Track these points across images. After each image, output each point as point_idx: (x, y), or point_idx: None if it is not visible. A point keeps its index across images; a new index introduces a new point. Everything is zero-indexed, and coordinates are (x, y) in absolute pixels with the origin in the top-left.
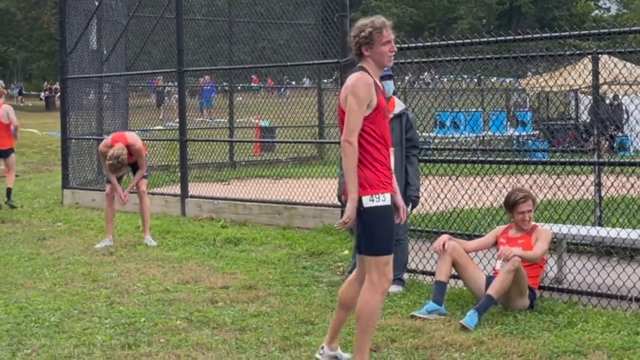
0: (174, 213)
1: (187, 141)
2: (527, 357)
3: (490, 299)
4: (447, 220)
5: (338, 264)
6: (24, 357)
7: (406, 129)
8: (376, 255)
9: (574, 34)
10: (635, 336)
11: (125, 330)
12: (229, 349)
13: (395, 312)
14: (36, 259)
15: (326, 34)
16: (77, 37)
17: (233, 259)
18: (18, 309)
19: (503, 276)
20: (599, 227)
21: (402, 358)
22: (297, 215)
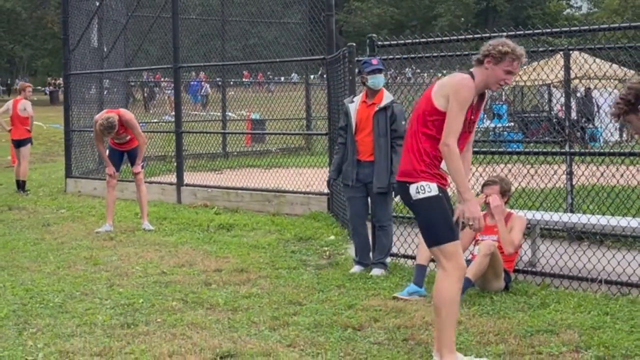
0: (170, 200)
1: (182, 133)
2: (502, 336)
3: (468, 281)
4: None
5: (324, 248)
6: (29, 336)
7: (391, 121)
8: (440, 245)
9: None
10: (605, 316)
11: (124, 311)
12: (222, 328)
13: (378, 294)
14: (41, 244)
15: (313, 32)
16: (79, 36)
17: (226, 244)
18: (24, 290)
19: (480, 259)
20: (571, 213)
21: (384, 337)
22: (286, 202)
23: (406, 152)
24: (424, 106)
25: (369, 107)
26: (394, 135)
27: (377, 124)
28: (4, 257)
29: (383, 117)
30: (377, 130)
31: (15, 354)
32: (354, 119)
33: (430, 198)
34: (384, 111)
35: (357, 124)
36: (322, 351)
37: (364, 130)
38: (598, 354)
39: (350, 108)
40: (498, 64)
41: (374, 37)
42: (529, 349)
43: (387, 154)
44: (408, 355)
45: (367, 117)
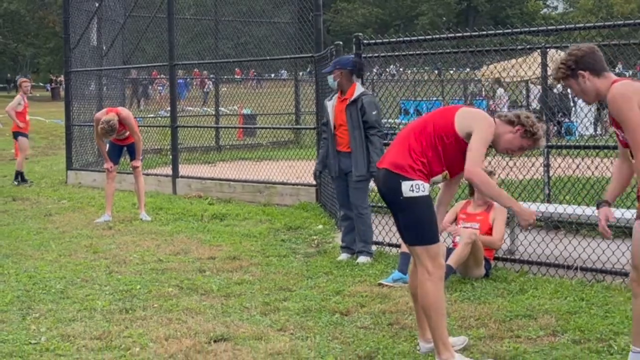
0: (166, 191)
1: (177, 127)
2: (483, 321)
3: (449, 268)
4: None
5: (313, 237)
6: (32, 320)
7: (362, 113)
8: (426, 245)
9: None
10: (580, 301)
11: (122, 297)
12: (216, 313)
13: (365, 280)
14: (43, 233)
15: (302, 31)
16: (79, 35)
17: (219, 233)
18: (27, 277)
19: (461, 248)
20: (548, 203)
21: (370, 321)
22: (276, 193)
23: (405, 148)
24: (443, 124)
25: (342, 102)
26: (366, 125)
27: (349, 116)
28: (9, 246)
29: (354, 109)
30: (350, 123)
31: (19, 338)
32: (331, 115)
33: (422, 197)
34: (354, 104)
35: (334, 119)
36: (311, 335)
37: (341, 125)
38: (574, 338)
39: (328, 105)
40: (523, 138)
41: (360, 36)
42: (508, 332)
43: (362, 144)
44: (393, 339)
45: (342, 111)
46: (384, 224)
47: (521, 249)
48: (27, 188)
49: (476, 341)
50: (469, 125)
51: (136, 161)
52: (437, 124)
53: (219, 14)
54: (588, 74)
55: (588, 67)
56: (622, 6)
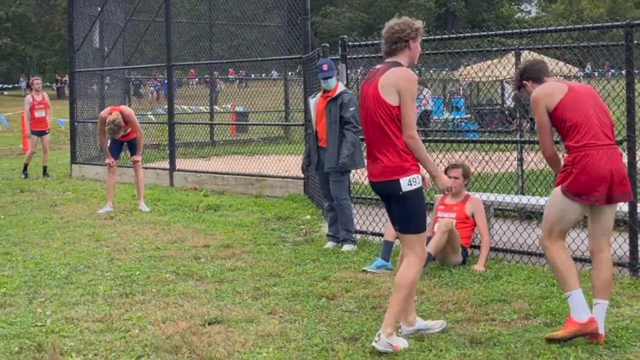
0: (163, 184)
1: (174, 124)
2: (460, 305)
3: (428, 255)
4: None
5: (301, 226)
6: (39, 304)
7: (341, 109)
8: (419, 233)
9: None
10: (552, 287)
11: (123, 282)
12: (210, 298)
13: (349, 267)
14: (49, 223)
15: (291, 34)
16: (83, 37)
17: (213, 222)
18: (34, 264)
19: (439, 236)
20: (521, 195)
21: (355, 305)
22: (267, 185)
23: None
24: (376, 105)
25: (324, 100)
26: (343, 120)
27: (329, 112)
28: (16, 234)
29: (335, 106)
30: (329, 118)
31: (26, 320)
32: (314, 112)
33: (418, 189)
34: (335, 101)
35: (316, 116)
36: (299, 318)
37: (322, 120)
38: (546, 321)
39: (311, 103)
40: (416, 39)
41: (345, 39)
42: (484, 316)
43: (336, 137)
44: (376, 322)
45: (322, 108)
46: (367, 214)
47: (496, 237)
48: (34, 180)
49: (454, 324)
50: (392, 89)
51: (137, 156)
52: (374, 110)
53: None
54: (530, 83)
55: (530, 77)
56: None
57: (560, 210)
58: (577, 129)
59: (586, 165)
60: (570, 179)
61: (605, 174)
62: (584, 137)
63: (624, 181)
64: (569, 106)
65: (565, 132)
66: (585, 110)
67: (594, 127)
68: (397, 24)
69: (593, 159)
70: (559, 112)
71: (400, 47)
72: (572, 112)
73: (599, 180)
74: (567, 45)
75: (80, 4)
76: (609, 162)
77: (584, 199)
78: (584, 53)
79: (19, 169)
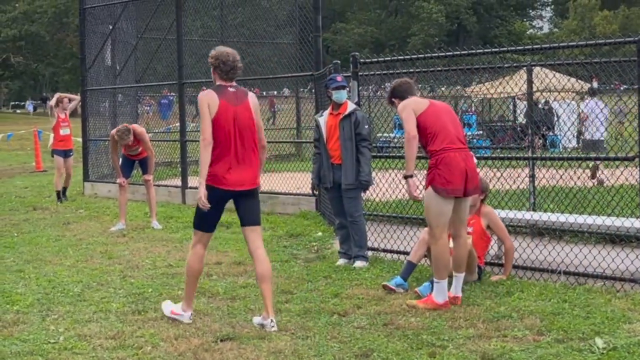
0: (176, 202)
1: (186, 142)
2: (472, 321)
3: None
4: (405, 207)
5: (313, 243)
6: (52, 321)
7: (355, 126)
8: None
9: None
10: (563, 303)
11: (135, 299)
12: (222, 315)
13: (361, 284)
14: (62, 240)
15: (302, 51)
16: (95, 55)
17: (225, 240)
18: (47, 281)
19: None
20: (533, 211)
21: (366, 322)
22: (279, 203)
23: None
24: (251, 122)
25: (335, 117)
26: (359, 138)
27: (342, 129)
28: (29, 252)
29: (348, 123)
30: (343, 135)
31: (39, 337)
32: (324, 129)
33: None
34: (348, 118)
35: (327, 133)
36: (311, 335)
37: (333, 137)
38: (557, 337)
39: (320, 121)
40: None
41: (357, 55)
42: (495, 332)
43: (353, 154)
44: (387, 338)
45: (335, 125)
46: (379, 231)
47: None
48: (46, 198)
49: (465, 340)
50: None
51: (148, 175)
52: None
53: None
54: (397, 100)
55: (396, 96)
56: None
57: (436, 206)
58: (436, 136)
59: (447, 164)
60: (436, 177)
61: (462, 170)
62: (442, 142)
63: (475, 177)
64: (429, 117)
65: (426, 140)
66: (442, 121)
67: (450, 134)
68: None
69: (451, 159)
70: (422, 120)
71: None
72: (431, 122)
73: (458, 175)
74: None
75: (92, 22)
76: (463, 161)
77: (450, 192)
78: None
79: (32, 187)
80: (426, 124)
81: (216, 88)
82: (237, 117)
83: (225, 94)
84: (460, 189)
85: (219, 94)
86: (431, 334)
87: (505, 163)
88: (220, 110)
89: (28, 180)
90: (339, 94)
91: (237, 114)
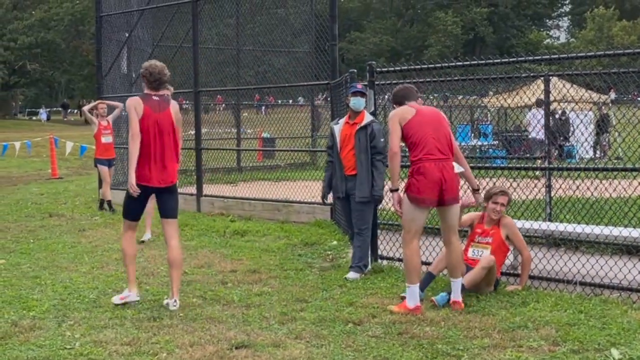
0: (191, 209)
1: (201, 149)
2: (487, 331)
3: (462, 287)
4: None
5: (328, 252)
6: (67, 327)
7: (371, 138)
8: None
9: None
10: (579, 314)
11: (150, 306)
12: (237, 322)
13: (376, 293)
14: (77, 247)
15: (318, 60)
16: (110, 63)
17: (240, 248)
18: (63, 287)
19: (478, 271)
20: (549, 222)
21: (381, 331)
22: (294, 211)
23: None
24: (173, 128)
25: (351, 127)
26: (374, 151)
27: (358, 141)
28: (45, 258)
29: (364, 134)
30: (358, 147)
31: (55, 343)
32: (338, 138)
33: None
34: (364, 129)
35: (341, 142)
36: (325, 343)
37: (347, 147)
38: (573, 348)
39: (335, 129)
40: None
41: (373, 64)
42: (510, 342)
43: (367, 167)
44: (402, 347)
45: (350, 135)
46: (394, 241)
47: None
48: (63, 205)
49: (480, 350)
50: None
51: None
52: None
53: (240, 44)
54: (396, 106)
55: (395, 101)
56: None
57: (409, 213)
58: (416, 146)
59: (421, 174)
60: (411, 185)
61: (437, 181)
62: (421, 152)
63: (453, 187)
64: (412, 127)
65: (408, 148)
66: (423, 131)
67: (430, 144)
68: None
69: (426, 169)
70: (406, 129)
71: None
72: (413, 132)
73: (432, 185)
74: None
75: (108, 29)
76: (440, 171)
77: (421, 202)
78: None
79: (47, 194)
80: (408, 133)
81: (143, 95)
82: (159, 123)
83: (149, 101)
84: (434, 199)
85: (144, 101)
86: (446, 343)
87: (522, 173)
88: (144, 116)
89: (44, 187)
90: (356, 101)
91: (159, 121)
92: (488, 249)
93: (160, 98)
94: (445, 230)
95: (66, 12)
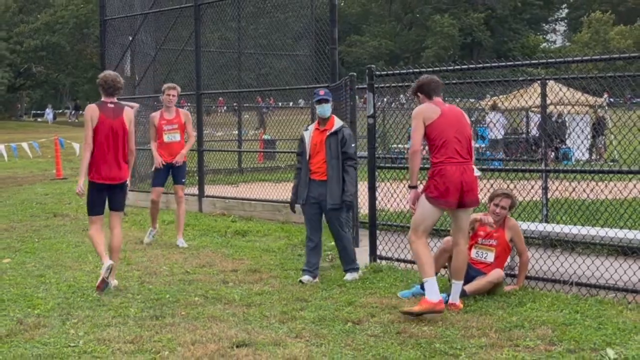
0: (192, 210)
1: (203, 151)
2: (484, 331)
3: (464, 292)
4: None
5: (327, 252)
6: (71, 325)
7: (342, 144)
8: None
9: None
10: (575, 314)
11: (153, 305)
12: (238, 321)
13: (375, 293)
14: (81, 246)
15: (318, 63)
16: (114, 66)
17: (241, 248)
18: (67, 286)
19: (485, 285)
20: (546, 223)
21: (380, 330)
22: None
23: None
24: (126, 132)
25: (321, 133)
26: (345, 156)
27: (329, 147)
28: (50, 257)
29: (335, 140)
30: (329, 153)
31: (59, 341)
32: (308, 145)
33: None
34: (335, 135)
35: (311, 149)
36: (325, 342)
37: (318, 154)
38: (569, 347)
39: (305, 135)
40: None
41: (372, 68)
42: (507, 342)
43: (339, 173)
44: (401, 346)
45: (320, 142)
46: (393, 241)
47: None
48: (67, 205)
49: (478, 349)
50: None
51: (180, 186)
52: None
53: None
54: (422, 97)
55: (423, 92)
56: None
57: (424, 213)
58: (439, 149)
59: (441, 177)
60: (430, 187)
61: (457, 184)
62: (443, 155)
63: (472, 190)
64: (436, 129)
65: (430, 149)
66: (447, 135)
67: (451, 147)
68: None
69: (447, 171)
70: (429, 130)
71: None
72: (437, 134)
73: (452, 188)
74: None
75: (112, 33)
76: (460, 174)
77: (440, 204)
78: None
79: (52, 194)
80: (432, 134)
81: (99, 103)
82: (113, 128)
83: (105, 109)
84: (453, 202)
85: (100, 108)
86: (444, 342)
87: (519, 175)
88: (99, 123)
89: (49, 187)
90: (321, 108)
91: (112, 126)
92: (493, 251)
93: (115, 105)
94: (455, 232)
95: (71, 15)
